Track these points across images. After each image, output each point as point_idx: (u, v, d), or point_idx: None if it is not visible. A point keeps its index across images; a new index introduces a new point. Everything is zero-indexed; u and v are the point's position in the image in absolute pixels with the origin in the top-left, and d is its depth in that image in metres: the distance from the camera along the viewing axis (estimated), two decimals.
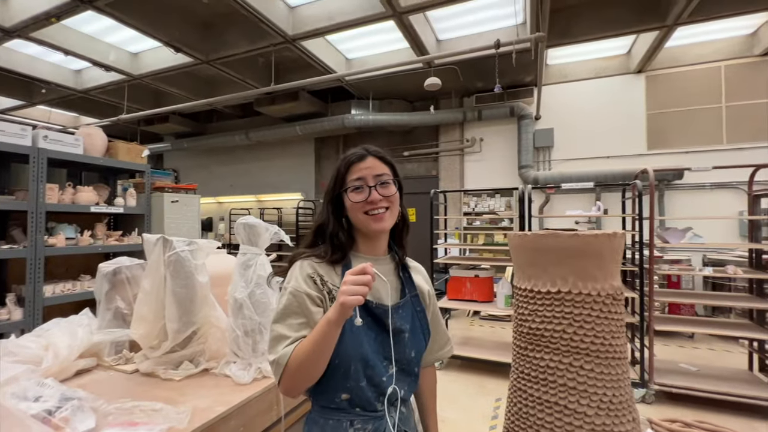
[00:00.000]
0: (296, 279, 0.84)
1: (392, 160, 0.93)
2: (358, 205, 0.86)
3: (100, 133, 3.05)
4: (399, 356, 0.86)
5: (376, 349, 0.83)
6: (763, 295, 3.07)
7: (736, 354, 3.93)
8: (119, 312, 1.50)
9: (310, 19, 4.49)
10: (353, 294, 0.69)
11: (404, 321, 0.89)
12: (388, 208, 0.88)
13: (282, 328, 0.80)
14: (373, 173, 0.88)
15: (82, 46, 5.04)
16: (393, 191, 0.89)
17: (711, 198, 5.38)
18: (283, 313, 0.82)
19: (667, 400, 2.91)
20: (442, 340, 1.04)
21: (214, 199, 8.83)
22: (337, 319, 0.71)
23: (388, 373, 0.84)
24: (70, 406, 1.00)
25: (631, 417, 0.74)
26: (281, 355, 0.77)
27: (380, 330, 0.85)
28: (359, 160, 0.89)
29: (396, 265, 0.96)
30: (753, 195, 3.12)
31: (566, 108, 6.15)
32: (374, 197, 0.86)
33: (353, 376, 0.80)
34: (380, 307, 0.85)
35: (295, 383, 0.77)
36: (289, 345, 0.77)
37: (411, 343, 0.89)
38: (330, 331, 0.73)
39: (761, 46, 5.13)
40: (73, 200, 2.75)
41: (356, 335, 0.81)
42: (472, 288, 3.72)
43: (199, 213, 3.70)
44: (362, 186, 0.86)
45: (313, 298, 0.82)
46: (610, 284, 0.76)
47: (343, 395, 0.82)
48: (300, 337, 0.79)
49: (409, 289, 0.94)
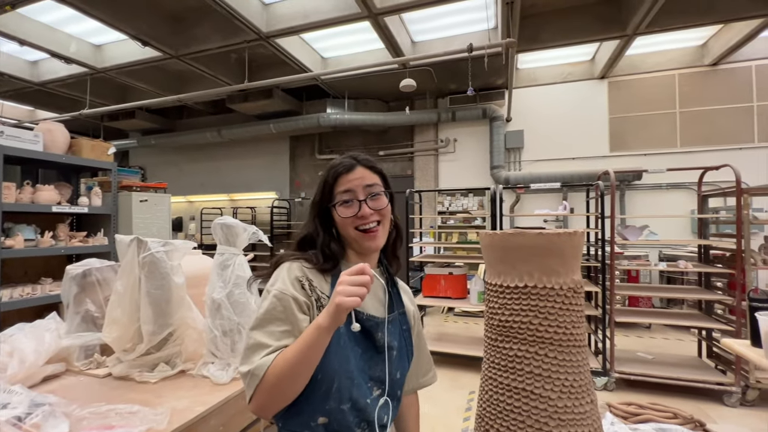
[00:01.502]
0: (283, 280, 0.76)
1: (382, 169, 0.87)
2: (348, 221, 0.81)
3: (61, 129, 2.91)
4: (384, 376, 0.78)
5: (361, 367, 0.75)
6: (711, 287, 3.33)
7: (688, 342, 4.23)
8: (89, 315, 1.46)
9: (285, 17, 4.45)
10: (351, 295, 0.62)
11: (393, 337, 0.82)
12: (380, 222, 0.82)
13: (261, 336, 0.70)
14: (362, 184, 0.82)
15: (40, 36, 4.76)
16: (384, 203, 0.83)
17: (667, 198, 5.75)
18: (264, 319, 0.72)
19: (626, 387, 3.11)
20: (427, 366, 0.98)
21: (185, 198, 8.55)
22: (329, 324, 0.64)
23: (372, 395, 0.76)
24: (41, 412, 0.97)
25: (590, 399, 0.81)
26: (258, 366, 0.67)
27: (368, 345, 0.78)
28: (347, 171, 0.83)
29: (386, 279, 0.90)
30: (702, 195, 3.38)
31: (535, 111, 6.39)
32: (365, 212, 0.80)
33: (334, 396, 0.71)
34: (371, 320, 0.78)
35: (270, 400, 0.67)
36: (267, 355, 0.68)
37: (397, 362, 0.82)
38: (320, 338, 0.65)
39: (710, 56, 5.53)
40: (32, 200, 2.61)
41: (343, 349, 0.72)
42: (446, 285, 3.81)
43: (170, 213, 3.60)
44: (352, 200, 0.81)
45: (300, 303, 0.74)
46: (572, 279, 0.82)
47: (321, 419, 0.71)
48: (281, 346, 0.69)
49: (397, 306, 0.88)
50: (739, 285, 2.81)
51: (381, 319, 0.80)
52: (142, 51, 4.90)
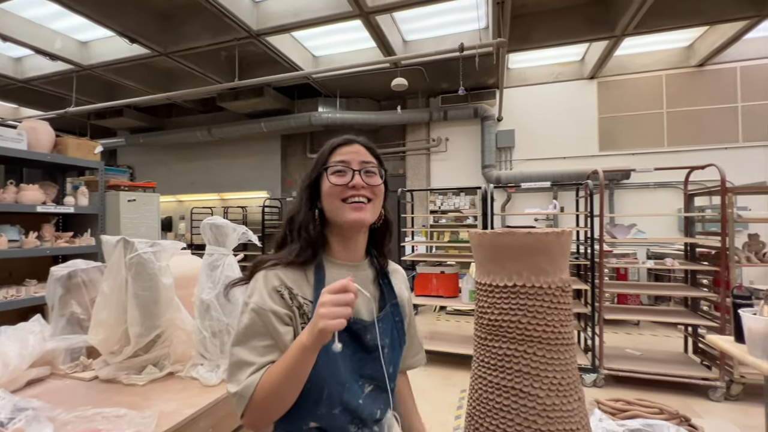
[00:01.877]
0: (260, 293, 0.72)
1: (380, 154, 0.85)
2: (337, 189, 0.76)
3: (46, 127, 2.85)
4: (377, 374, 0.78)
5: (352, 369, 0.75)
6: (697, 284, 3.39)
7: (675, 338, 4.31)
8: (75, 317, 1.43)
9: (275, 15, 4.42)
10: (334, 317, 0.59)
11: (384, 335, 0.80)
12: (371, 201, 0.78)
13: (244, 353, 0.68)
14: (359, 159, 0.79)
15: (24, 32, 4.65)
16: (378, 182, 0.80)
17: (654, 197, 5.84)
18: (245, 334, 0.70)
19: (615, 383, 3.15)
20: (416, 348, 0.98)
21: (174, 198, 8.44)
22: (313, 344, 0.62)
23: (364, 393, 0.77)
24: (24, 417, 0.95)
25: (578, 396, 0.82)
26: (245, 386, 0.65)
27: (357, 347, 0.76)
28: (346, 144, 0.81)
29: (375, 271, 0.87)
30: (688, 194, 3.44)
31: (526, 110, 6.44)
32: (357, 182, 0.76)
33: (325, 402, 0.71)
34: (358, 323, 0.76)
35: (262, 417, 0.67)
36: (254, 373, 0.67)
37: (389, 358, 0.81)
38: (304, 357, 0.63)
39: (696, 57, 5.63)
40: (16, 199, 2.55)
41: (332, 357, 0.71)
42: (438, 284, 3.83)
43: (159, 212, 3.55)
44: (345, 169, 0.77)
45: (281, 315, 0.71)
46: (560, 277, 0.83)
47: (312, 423, 0.72)
48: (267, 362, 0.68)
49: (389, 298, 0.86)
50: (723, 282, 2.87)
51: (369, 323, 0.77)
52: (129, 48, 4.82)
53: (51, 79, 5.80)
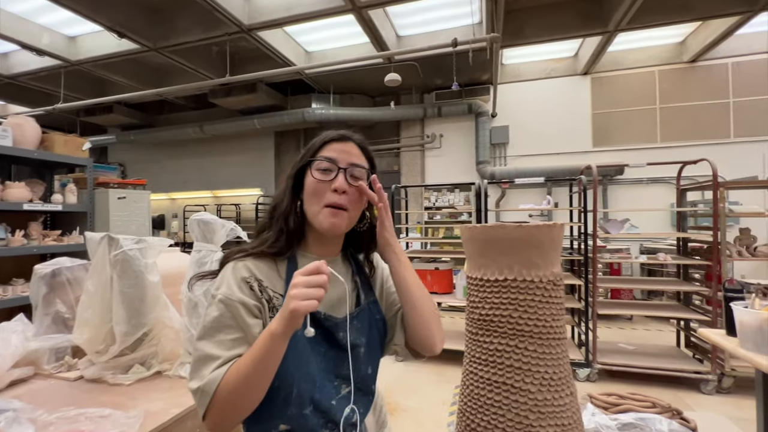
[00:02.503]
0: (228, 284, 0.68)
1: (373, 156, 0.82)
2: (319, 187, 0.73)
3: (31, 123, 2.79)
4: (354, 374, 0.74)
5: (325, 368, 0.71)
6: (689, 279, 3.41)
7: (667, 332, 4.34)
8: (59, 316, 1.40)
9: (267, 9, 4.36)
10: (306, 298, 0.56)
11: (360, 334, 0.76)
12: (347, 211, 0.74)
13: (209, 347, 0.64)
14: (348, 158, 0.76)
15: (10, 27, 4.56)
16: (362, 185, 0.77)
17: (647, 192, 5.88)
18: (212, 327, 0.65)
19: (608, 378, 3.17)
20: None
21: (167, 195, 8.36)
22: (284, 330, 0.58)
23: (340, 394, 0.72)
24: (3, 419, 0.92)
25: (570, 391, 0.81)
26: (208, 381, 0.60)
27: (330, 345, 0.73)
28: (339, 140, 0.78)
29: (350, 266, 0.83)
30: (680, 189, 3.45)
31: (520, 106, 6.44)
32: (340, 183, 0.72)
33: (295, 402, 0.66)
34: (330, 320, 0.73)
35: (224, 417, 0.61)
36: (219, 367, 0.62)
37: (367, 358, 0.77)
38: (274, 345, 0.59)
39: (689, 53, 5.65)
40: (1, 197, 2.50)
41: (302, 352, 0.68)
42: (432, 280, 3.82)
43: (149, 210, 3.49)
44: (331, 167, 0.74)
45: (250, 307, 0.67)
46: (551, 271, 0.81)
47: (282, 426, 0.67)
48: (233, 356, 0.64)
49: (366, 294, 0.82)
50: (715, 276, 2.89)
51: (341, 319, 0.73)
52: (118, 43, 4.73)
53: (38, 75, 5.70)
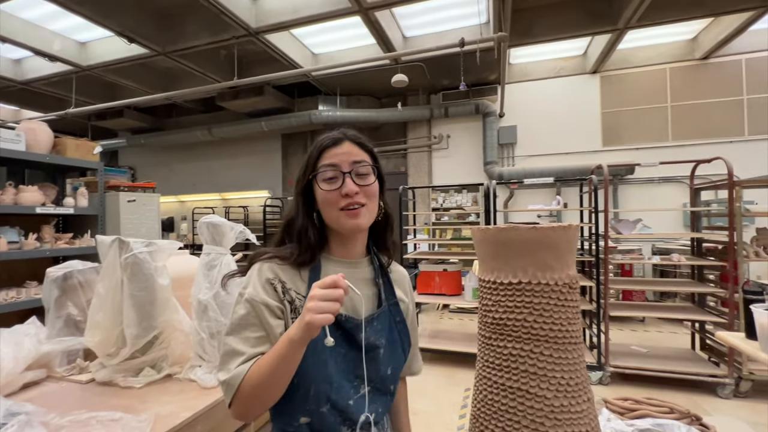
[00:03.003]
0: (253, 284, 0.73)
1: (372, 147, 0.82)
2: (330, 196, 0.74)
3: (44, 128, 2.83)
4: (372, 375, 0.75)
5: (344, 368, 0.73)
6: (704, 280, 3.34)
7: (681, 335, 4.26)
8: (71, 319, 1.41)
9: (274, 12, 4.38)
10: (322, 312, 0.59)
11: (380, 335, 0.78)
12: (365, 205, 0.76)
13: (236, 342, 0.69)
14: (349, 159, 0.76)
15: (22, 34, 4.64)
16: (371, 181, 0.77)
17: (659, 191, 5.78)
18: (238, 325, 0.71)
19: (621, 381, 3.11)
20: (417, 355, 0.96)
21: (176, 198, 8.44)
22: (300, 338, 0.61)
23: (358, 394, 0.74)
24: (16, 422, 0.93)
25: (587, 397, 0.79)
26: (233, 375, 0.66)
27: (350, 347, 0.75)
28: (334, 145, 0.77)
29: (374, 269, 0.84)
30: (694, 188, 3.39)
31: (528, 106, 6.39)
32: (349, 188, 0.73)
33: (312, 399, 0.70)
34: (351, 321, 0.75)
35: (248, 408, 0.67)
36: (243, 363, 0.67)
37: (387, 359, 0.79)
38: (292, 351, 0.62)
39: (701, 50, 5.55)
40: (15, 201, 2.54)
41: (320, 353, 0.71)
42: (440, 282, 3.80)
43: (159, 213, 3.53)
44: (335, 175, 0.75)
45: (273, 308, 0.71)
46: (567, 274, 0.80)
47: (302, 418, 0.72)
48: (257, 353, 0.68)
49: (387, 297, 0.83)
50: (731, 277, 2.82)
51: (361, 321, 0.74)
52: (128, 48, 4.80)
53: (51, 81, 5.80)
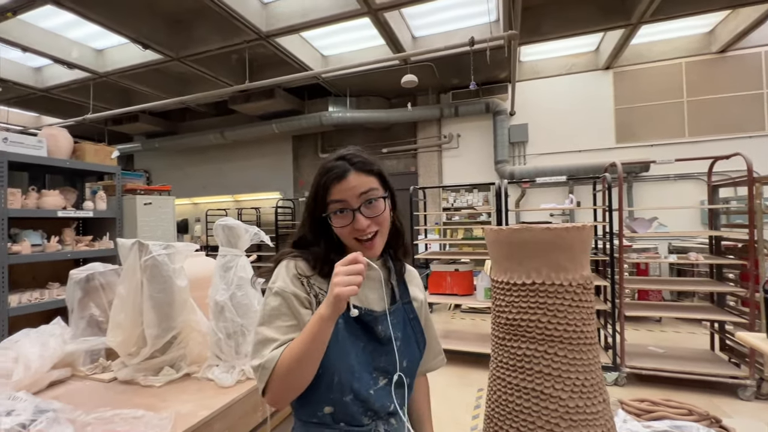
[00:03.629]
0: (283, 279, 0.79)
1: (378, 167, 0.83)
2: (345, 231, 0.80)
3: (64, 134, 2.92)
4: (390, 366, 0.81)
5: (364, 360, 0.78)
6: (723, 279, 3.26)
7: (700, 335, 4.17)
8: (94, 319, 1.46)
9: (284, 16, 4.43)
10: (347, 284, 0.65)
11: (395, 328, 0.83)
12: (377, 233, 0.80)
13: (268, 331, 0.74)
14: (356, 193, 0.78)
15: (42, 43, 4.79)
16: (381, 209, 0.80)
17: (675, 189, 5.66)
18: (270, 315, 0.76)
19: (637, 382, 3.06)
20: (435, 350, 1.01)
21: (189, 200, 8.59)
22: (331, 313, 0.67)
23: (378, 385, 0.79)
24: (45, 419, 0.96)
25: (602, 398, 0.78)
26: (268, 359, 0.71)
27: (369, 339, 0.80)
28: (339, 180, 0.78)
29: (388, 270, 0.90)
30: (712, 185, 3.31)
31: (539, 104, 6.32)
32: (360, 224, 0.78)
33: (336, 389, 0.75)
34: (369, 314, 0.80)
35: (282, 390, 0.71)
36: (276, 348, 0.72)
37: (403, 352, 0.84)
38: (322, 328, 0.68)
39: (718, 43, 5.41)
40: (37, 205, 2.62)
41: (341, 344, 0.76)
42: (452, 282, 3.79)
43: (174, 215, 3.60)
44: (345, 209, 0.78)
45: (301, 299, 0.78)
46: (581, 274, 0.79)
47: (326, 408, 0.77)
48: (288, 340, 0.73)
49: (402, 296, 0.89)
50: (752, 276, 2.75)
51: (380, 313, 0.81)
52: (143, 54, 4.90)
53: (69, 87, 5.96)
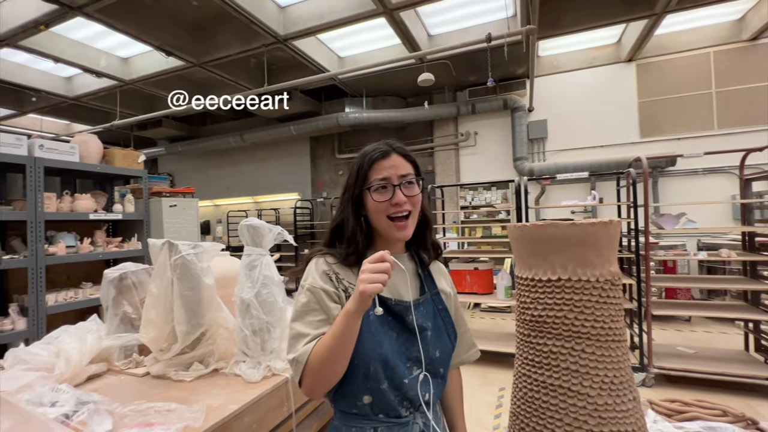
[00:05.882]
0: (312, 276, 0.83)
1: (415, 158, 0.89)
2: (381, 206, 0.83)
3: (95, 140, 3.05)
4: (423, 356, 0.83)
5: (397, 350, 0.80)
6: (757, 276, 3.12)
7: (732, 335, 4.00)
8: (127, 317, 1.52)
9: (301, 19, 4.49)
10: (373, 282, 0.67)
11: (426, 318, 0.86)
12: (411, 213, 0.85)
13: (301, 326, 0.78)
14: (398, 173, 0.84)
15: (72, 53, 5.01)
16: (417, 191, 0.86)
17: (704, 183, 5.45)
18: (301, 311, 0.80)
19: (666, 383, 2.97)
20: (468, 343, 1.02)
21: (211, 202, 8.81)
22: (356, 309, 0.69)
23: (412, 374, 0.81)
24: (86, 410, 1.02)
25: (632, 396, 0.77)
26: (301, 353, 0.75)
27: (401, 329, 0.82)
28: (383, 158, 0.84)
29: (415, 263, 0.93)
30: (745, 179, 3.17)
31: (559, 99, 6.19)
32: (399, 198, 0.82)
33: (373, 377, 0.77)
34: (400, 304, 0.82)
35: (317, 382, 0.75)
36: (309, 342, 0.76)
37: (435, 342, 0.85)
38: (350, 322, 0.70)
39: (749, 30, 5.17)
40: (71, 208, 2.75)
41: (375, 335, 0.78)
42: (471, 281, 3.76)
43: (198, 216, 3.70)
44: (387, 185, 0.83)
45: (330, 294, 0.81)
46: (608, 270, 0.78)
47: (365, 398, 0.79)
48: (320, 334, 0.77)
49: (429, 288, 0.91)
50: None
51: (409, 303, 0.83)
52: (166, 61, 5.07)
53: (98, 95, 6.21)
